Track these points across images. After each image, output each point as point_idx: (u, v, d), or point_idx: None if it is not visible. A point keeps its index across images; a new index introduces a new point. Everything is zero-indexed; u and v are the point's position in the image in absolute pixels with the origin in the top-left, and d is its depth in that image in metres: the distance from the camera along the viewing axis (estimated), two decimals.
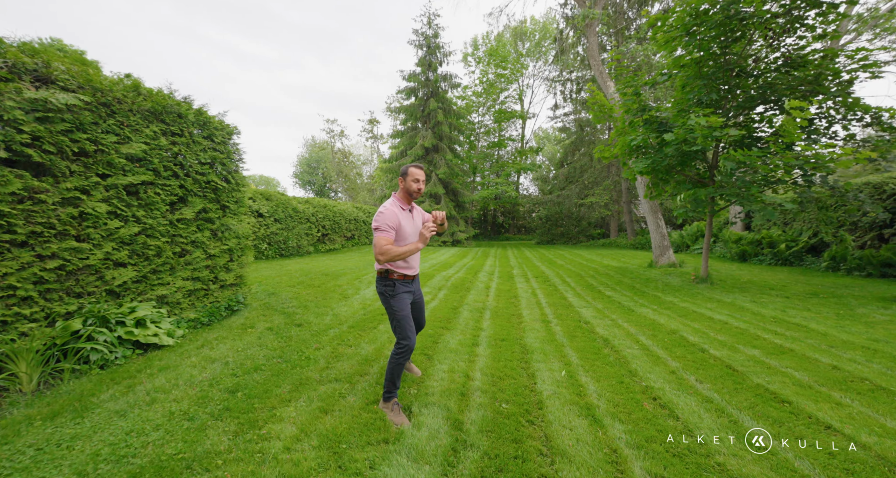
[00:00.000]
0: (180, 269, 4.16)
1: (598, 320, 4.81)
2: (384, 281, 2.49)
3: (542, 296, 6.53)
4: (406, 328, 2.42)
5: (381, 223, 2.32)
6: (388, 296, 2.47)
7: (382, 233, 2.31)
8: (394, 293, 2.47)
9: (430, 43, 22.44)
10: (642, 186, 11.07)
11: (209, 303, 4.56)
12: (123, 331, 3.19)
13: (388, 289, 2.47)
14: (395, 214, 2.40)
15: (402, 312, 2.45)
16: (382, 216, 2.35)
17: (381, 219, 2.33)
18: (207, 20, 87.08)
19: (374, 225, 2.34)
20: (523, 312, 5.30)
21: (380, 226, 2.32)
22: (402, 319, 2.43)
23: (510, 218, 40.59)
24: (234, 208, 5.09)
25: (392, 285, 2.48)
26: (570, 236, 26.31)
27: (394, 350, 2.43)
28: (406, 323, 2.43)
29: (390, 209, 2.40)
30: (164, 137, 4.05)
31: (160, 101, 4.01)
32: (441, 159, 21.82)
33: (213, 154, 4.63)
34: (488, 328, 4.43)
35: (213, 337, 3.89)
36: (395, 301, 2.46)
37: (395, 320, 2.44)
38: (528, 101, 38.14)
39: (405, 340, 2.41)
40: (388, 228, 2.33)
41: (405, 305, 2.49)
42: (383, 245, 2.28)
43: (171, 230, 4.03)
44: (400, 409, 2.44)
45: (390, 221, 2.35)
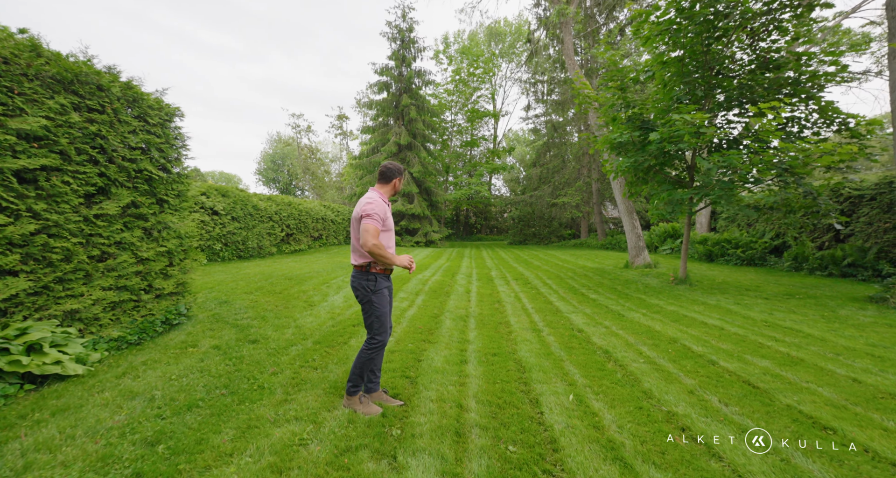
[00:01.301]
0: (99, 277, 3.36)
1: (592, 328, 4.45)
2: (365, 275, 2.34)
3: (526, 300, 6.14)
4: (384, 323, 2.38)
5: (373, 211, 2.24)
6: (370, 291, 2.33)
7: (374, 221, 2.21)
8: (376, 288, 2.34)
9: (404, 36, 21.74)
10: (619, 187, 11.04)
11: (140, 317, 3.77)
12: (5, 360, 2.41)
13: (370, 284, 2.33)
14: (385, 207, 2.37)
15: (382, 308, 2.36)
16: (374, 205, 2.26)
17: (373, 208, 2.25)
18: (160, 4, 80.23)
19: (364, 211, 2.23)
20: (510, 319, 4.86)
21: (372, 213, 2.23)
22: (382, 316, 2.36)
23: (482, 218, 40.56)
24: (176, 203, 4.29)
25: (374, 280, 2.33)
26: (542, 237, 26.49)
27: (365, 345, 2.37)
28: (385, 320, 2.39)
29: (380, 201, 2.34)
30: (77, 113, 3.24)
31: (70, 68, 3.20)
32: (415, 157, 21.20)
33: (146, 138, 3.84)
34: (476, 340, 3.95)
35: (140, 361, 3.14)
36: (377, 297, 2.34)
37: (373, 317, 2.35)
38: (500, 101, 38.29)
39: (380, 335, 2.38)
40: (378, 217, 2.25)
41: (386, 302, 2.40)
42: (375, 233, 2.18)
43: (86, 229, 3.23)
44: (368, 399, 2.41)
45: (381, 211, 2.29)
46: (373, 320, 2.34)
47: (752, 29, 6.47)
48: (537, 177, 26.37)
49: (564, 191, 22.46)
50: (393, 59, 21.71)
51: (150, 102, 3.97)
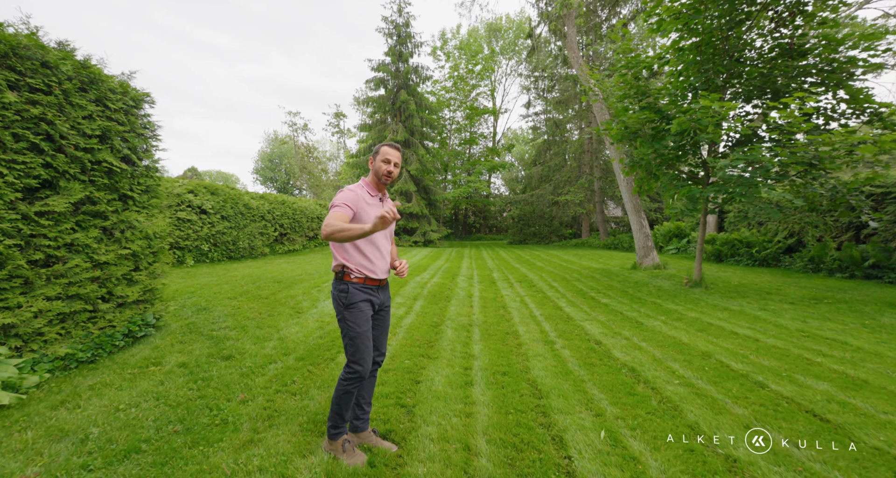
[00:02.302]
0: (43, 285, 2.87)
1: (611, 339, 3.98)
2: (338, 283, 1.93)
3: (533, 306, 5.67)
4: (361, 349, 1.89)
5: (339, 200, 1.83)
6: (342, 305, 1.90)
7: (337, 209, 1.79)
8: (349, 301, 1.89)
9: (400, 32, 21.23)
10: (627, 184, 10.58)
11: (97, 330, 3.28)
12: None
13: (343, 295, 1.89)
14: (359, 197, 1.90)
15: (358, 328, 1.88)
16: (342, 194, 1.86)
17: (339, 196, 1.85)
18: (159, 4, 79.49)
19: (331, 202, 1.86)
20: (519, 328, 4.39)
21: (336, 203, 1.83)
22: (357, 338, 1.88)
23: (481, 218, 40.10)
24: (143, 200, 3.81)
25: (346, 291, 1.89)
26: (543, 236, 26.05)
27: (342, 374, 1.92)
28: (361, 343, 1.89)
29: (353, 190, 1.91)
30: (14, 93, 2.76)
31: (4, 38, 2.71)
32: (413, 155, 20.70)
33: (105, 124, 3.34)
34: (482, 355, 3.47)
35: (88, 384, 2.66)
36: (350, 313, 1.89)
37: (346, 339, 1.91)
38: (500, 98, 37.81)
39: (358, 364, 1.89)
40: (344, 205, 1.82)
41: (363, 320, 1.91)
42: (330, 219, 1.70)
43: (25, 229, 2.75)
44: (353, 446, 1.95)
45: (349, 200, 1.85)
46: (347, 343, 1.90)
47: (777, 12, 6.01)
48: (538, 176, 25.90)
49: (566, 189, 22.01)
50: (389, 56, 21.20)
51: (111, 85, 3.48)
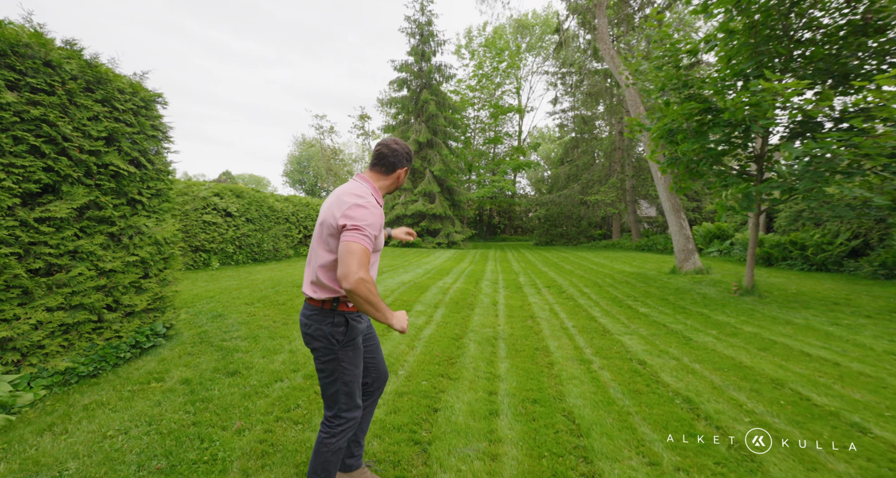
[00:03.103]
0: (43, 294, 2.74)
1: (656, 359, 3.49)
2: (330, 316, 1.47)
3: (564, 316, 5.20)
4: (356, 395, 1.54)
5: (366, 220, 1.38)
6: (337, 344, 1.47)
7: (364, 238, 1.34)
8: (347, 339, 1.49)
9: (423, 30, 21.05)
10: (664, 181, 9.83)
11: (103, 341, 3.14)
12: None
13: (338, 331, 1.47)
14: (382, 216, 1.49)
15: (354, 371, 1.52)
16: (368, 210, 1.40)
17: (365, 214, 1.39)
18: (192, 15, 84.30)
19: (350, 217, 1.36)
20: (549, 343, 3.96)
21: (362, 224, 1.36)
22: (351, 383, 1.51)
23: (506, 218, 39.41)
24: (154, 204, 3.67)
25: (343, 325, 1.48)
26: (570, 237, 25.17)
27: (328, 430, 1.49)
28: (355, 388, 1.53)
29: (378, 207, 1.49)
30: (14, 93, 2.63)
31: (2, 36, 2.59)
32: (436, 155, 20.46)
33: (112, 126, 3.20)
34: (508, 376, 3.08)
35: (84, 403, 2.48)
36: (346, 353, 1.49)
37: (338, 385, 1.49)
38: (525, 96, 37.00)
39: (351, 411, 1.53)
40: (370, 232, 1.38)
41: (359, 360, 1.55)
42: (364, 259, 1.31)
43: (23, 236, 2.61)
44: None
45: (375, 225, 1.42)
46: (337, 389, 1.48)
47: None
48: (565, 175, 25.05)
49: (595, 188, 21.09)
50: (412, 55, 21.06)
51: (119, 85, 3.35)
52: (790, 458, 1.98)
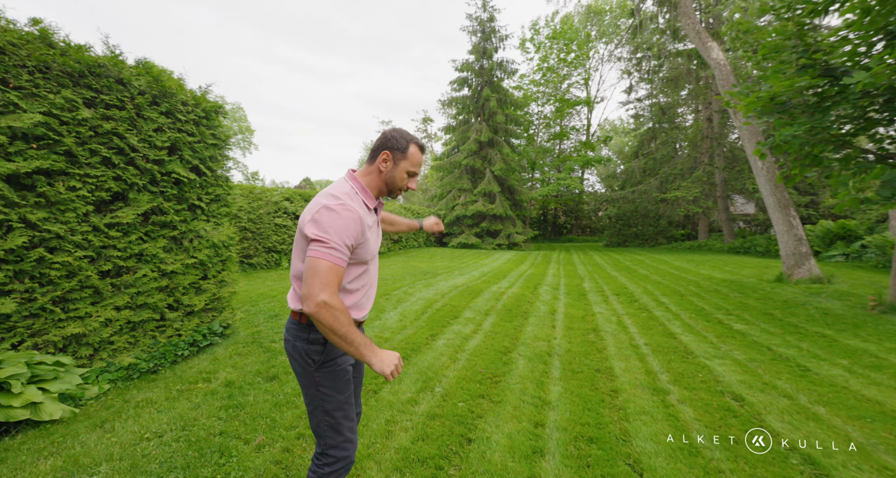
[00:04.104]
0: (112, 294, 2.97)
1: (758, 394, 2.75)
2: (305, 333, 1.25)
3: (635, 330, 4.50)
4: (342, 430, 1.27)
5: (332, 234, 1.11)
6: (312, 364, 1.24)
7: (330, 253, 1.10)
8: (323, 359, 1.25)
9: (484, 27, 20.68)
10: (767, 171, 8.26)
11: (165, 338, 3.36)
12: None
13: (314, 350, 1.24)
14: (360, 220, 1.17)
15: (338, 397, 1.26)
16: (337, 218, 1.12)
17: (333, 223, 1.11)
18: (281, 39, 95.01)
19: (317, 231, 1.10)
20: (614, 364, 3.38)
21: (326, 238, 1.10)
22: (335, 413, 1.26)
23: (573, 218, 37.27)
24: (212, 209, 3.88)
25: (321, 343, 1.24)
26: (646, 238, 22.86)
27: (314, 468, 1.27)
28: (345, 418, 1.28)
29: (352, 209, 1.16)
30: (91, 110, 2.88)
31: (84, 60, 2.84)
32: (496, 155, 19.95)
33: (175, 136, 3.42)
34: (560, 404, 2.63)
35: (138, 399, 2.61)
36: (325, 374, 1.25)
37: (319, 413, 1.26)
38: (595, 87, 34.65)
39: (339, 449, 1.26)
40: (341, 245, 1.12)
41: (345, 382, 1.29)
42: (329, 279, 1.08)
43: (95, 241, 2.85)
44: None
45: (348, 232, 1.14)
46: (319, 421, 1.27)
47: None
48: (640, 169, 22.83)
49: (676, 183, 18.82)
50: (473, 54, 20.79)
51: (182, 98, 3.57)
52: None
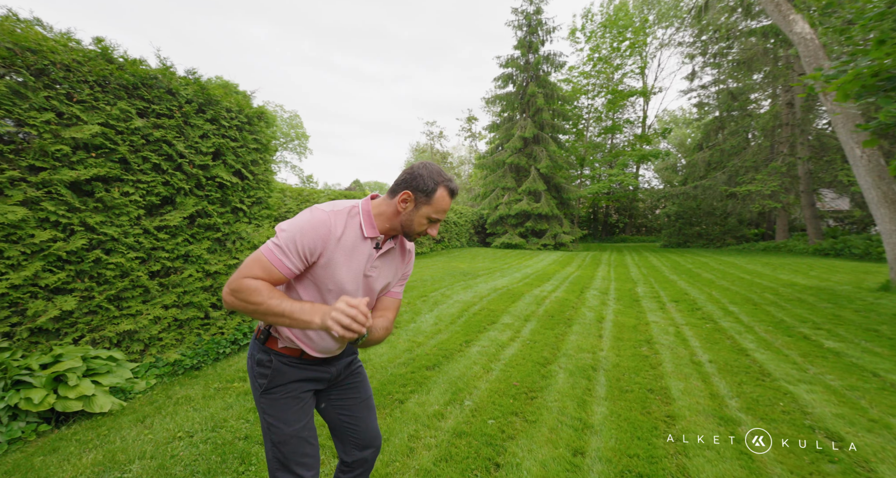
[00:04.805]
0: (160, 293, 3.14)
1: (863, 434, 2.24)
2: (255, 350, 1.17)
3: (696, 343, 3.97)
4: (293, 464, 1.11)
5: (288, 231, 1.02)
6: (258, 387, 1.14)
7: (268, 248, 1.02)
8: (269, 385, 1.13)
9: (530, 21, 20.03)
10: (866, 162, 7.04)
11: (209, 336, 3.51)
12: (20, 397, 2.16)
13: (260, 375, 1.13)
14: (327, 230, 1.04)
15: (285, 430, 1.11)
16: (303, 218, 1.04)
17: (296, 221, 1.04)
18: (336, 48, 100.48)
19: (283, 225, 1.05)
20: (670, 384, 2.97)
21: (278, 232, 1.03)
22: (283, 446, 1.11)
23: (626, 216, 35.04)
24: (254, 211, 4.01)
25: (268, 364, 1.13)
26: (712, 238, 20.80)
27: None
28: (294, 453, 1.11)
29: (329, 218, 1.05)
30: (144, 119, 3.06)
31: (136, 72, 3.03)
32: (542, 151, 19.23)
33: (219, 142, 3.56)
34: (604, 428, 2.33)
35: (179, 395, 2.72)
36: (268, 403, 1.13)
37: (269, 444, 1.14)
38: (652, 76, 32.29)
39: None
40: (290, 244, 1.01)
41: (295, 411, 1.14)
42: (244, 273, 1.00)
43: (146, 243, 3.02)
44: None
45: (305, 235, 1.02)
46: (268, 451, 1.15)
47: None
48: (704, 162, 20.85)
49: (749, 177, 16.88)
50: (518, 49, 20.21)
51: (227, 105, 3.72)
52: None
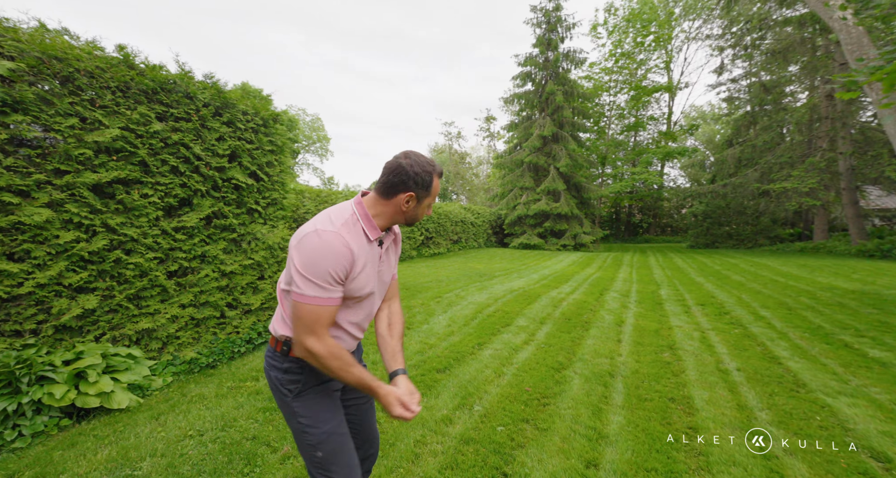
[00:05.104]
0: (177, 293, 3.22)
1: None
2: (279, 361, 1.13)
3: (723, 349, 3.75)
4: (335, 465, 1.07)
5: (316, 267, 0.97)
6: (288, 394, 1.10)
7: (315, 295, 0.98)
8: (298, 391, 1.10)
9: (549, 17, 19.69)
10: None
11: (225, 335, 3.58)
12: (43, 392, 2.24)
13: (290, 382, 1.10)
14: (349, 254, 1.01)
15: (322, 428, 1.08)
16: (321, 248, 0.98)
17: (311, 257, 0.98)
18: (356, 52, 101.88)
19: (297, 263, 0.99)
20: (694, 392, 2.81)
21: (308, 275, 0.97)
22: (322, 446, 1.07)
23: (650, 216, 33.93)
24: (269, 212, 4.07)
25: (298, 372, 1.11)
26: (742, 238, 19.83)
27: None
28: (335, 453, 1.08)
29: (338, 239, 1.00)
30: (162, 123, 3.15)
31: (156, 77, 3.12)
32: (561, 150, 18.85)
33: (235, 144, 3.64)
34: (620, 439, 2.21)
35: (193, 394, 2.78)
36: (302, 406, 1.09)
37: (305, 447, 1.10)
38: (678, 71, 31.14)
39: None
40: (327, 280, 0.98)
41: (329, 409, 1.12)
42: (311, 323, 0.98)
43: (163, 243, 3.11)
44: None
45: (336, 264, 0.99)
46: (307, 459, 1.11)
47: None
48: (734, 159, 19.95)
49: (783, 173, 16.01)
50: (537, 46, 19.90)
51: (243, 108, 3.79)
52: None
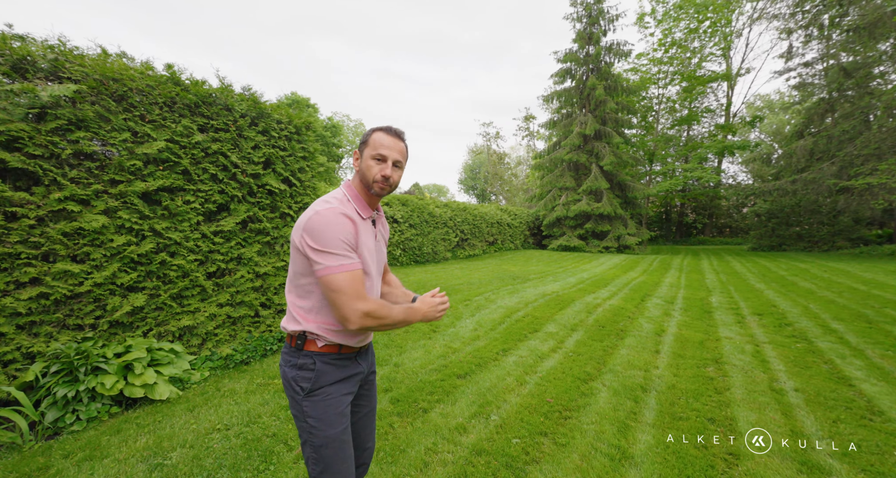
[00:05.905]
0: (215, 292, 3.45)
1: None
2: (294, 358, 1.14)
3: (779, 366, 3.35)
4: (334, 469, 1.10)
5: (332, 239, 1.03)
6: (300, 392, 1.11)
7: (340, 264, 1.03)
8: (312, 388, 1.11)
9: (590, 11, 18.94)
10: None
11: (259, 333, 3.79)
12: (97, 381, 2.49)
13: (303, 379, 1.12)
14: (352, 224, 1.09)
15: (327, 432, 1.10)
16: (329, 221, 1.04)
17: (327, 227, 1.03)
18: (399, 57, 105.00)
19: (314, 243, 1.03)
20: (738, 414, 2.53)
21: (328, 249, 1.03)
22: (324, 449, 1.09)
23: (705, 216, 31.44)
24: None
25: (311, 368, 1.12)
26: (816, 240, 17.77)
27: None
28: (335, 455, 1.09)
29: (344, 212, 1.08)
30: (204, 134, 3.39)
31: (198, 92, 3.37)
32: (605, 147, 18.01)
33: (269, 152, 3.84)
34: (646, 462, 2.03)
35: (227, 388, 2.96)
36: (312, 405, 1.11)
37: (308, 448, 1.12)
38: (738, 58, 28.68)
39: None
40: (345, 248, 1.05)
41: (336, 415, 1.12)
42: (355, 289, 1.04)
43: (203, 246, 3.34)
44: None
45: (345, 233, 1.06)
46: (308, 457, 1.13)
47: None
48: (805, 152, 17.95)
49: (869, 167, 14.14)
50: (577, 42, 19.19)
51: (277, 117, 4.00)
52: None
